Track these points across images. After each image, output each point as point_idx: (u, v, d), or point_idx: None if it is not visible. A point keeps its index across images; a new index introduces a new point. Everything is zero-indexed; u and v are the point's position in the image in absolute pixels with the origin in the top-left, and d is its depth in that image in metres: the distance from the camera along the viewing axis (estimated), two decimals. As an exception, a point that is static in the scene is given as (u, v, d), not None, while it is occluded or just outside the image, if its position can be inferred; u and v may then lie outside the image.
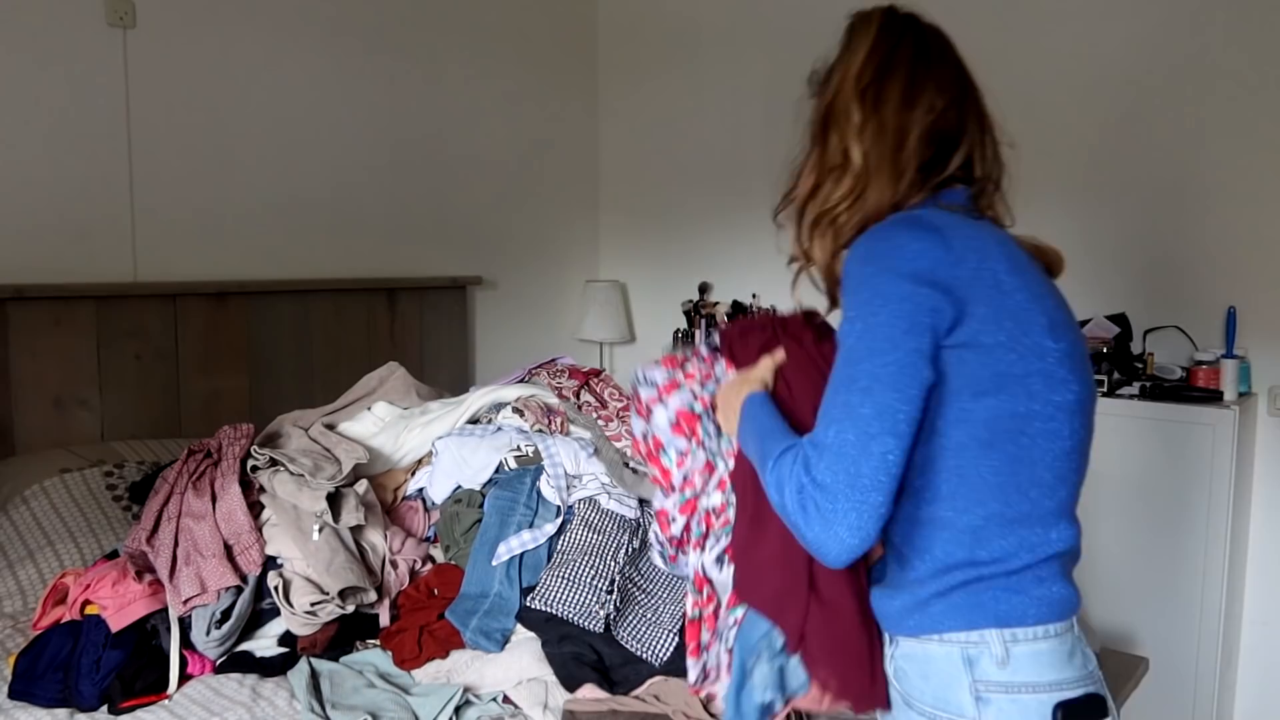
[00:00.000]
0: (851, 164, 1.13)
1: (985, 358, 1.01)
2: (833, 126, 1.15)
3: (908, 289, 1.00)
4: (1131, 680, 2.11)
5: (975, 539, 1.03)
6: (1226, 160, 2.81)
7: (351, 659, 1.78)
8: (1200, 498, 2.58)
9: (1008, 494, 1.03)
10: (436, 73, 3.49)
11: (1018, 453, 1.03)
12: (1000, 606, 1.03)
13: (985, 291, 1.02)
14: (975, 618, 1.03)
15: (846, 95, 1.14)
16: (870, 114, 1.13)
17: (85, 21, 2.60)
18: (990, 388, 1.01)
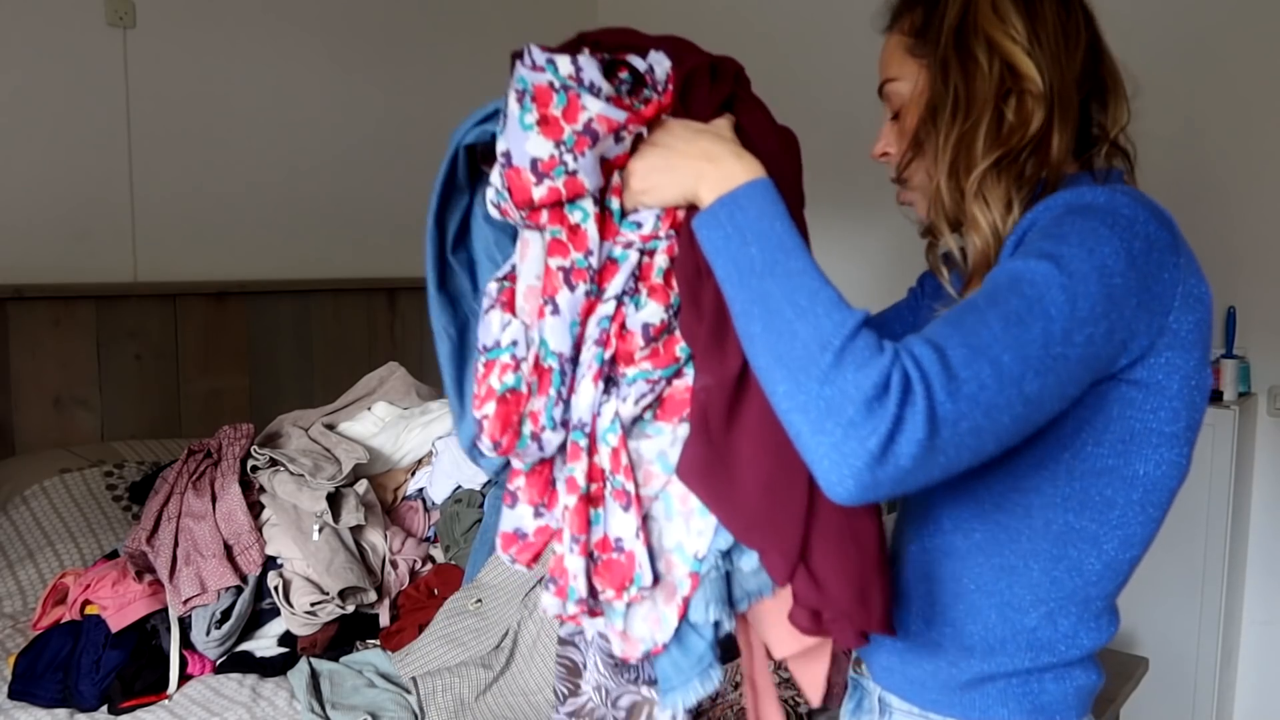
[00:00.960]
0: (1026, 80, 0.85)
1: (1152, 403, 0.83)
2: (976, 37, 0.87)
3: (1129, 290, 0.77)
4: (1131, 680, 2.10)
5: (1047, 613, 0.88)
6: (1226, 160, 2.81)
7: (351, 659, 1.78)
8: (1200, 498, 2.58)
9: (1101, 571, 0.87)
10: (437, 72, 3.49)
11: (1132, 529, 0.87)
12: (1044, 698, 0.89)
13: (1190, 326, 0.82)
14: (1015, 708, 0.90)
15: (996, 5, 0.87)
16: (1029, 21, 0.87)
17: (85, 21, 2.60)
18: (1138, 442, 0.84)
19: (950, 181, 0.87)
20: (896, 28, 0.96)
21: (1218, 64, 2.80)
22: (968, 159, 0.87)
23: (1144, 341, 0.79)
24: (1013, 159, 0.86)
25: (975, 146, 0.86)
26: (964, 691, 0.91)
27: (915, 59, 0.93)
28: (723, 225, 0.79)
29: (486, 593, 1.84)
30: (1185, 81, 2.85)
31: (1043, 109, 0.86)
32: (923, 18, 0.92)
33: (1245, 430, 2.63)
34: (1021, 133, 0.86)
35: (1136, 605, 2.67)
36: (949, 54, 0.88)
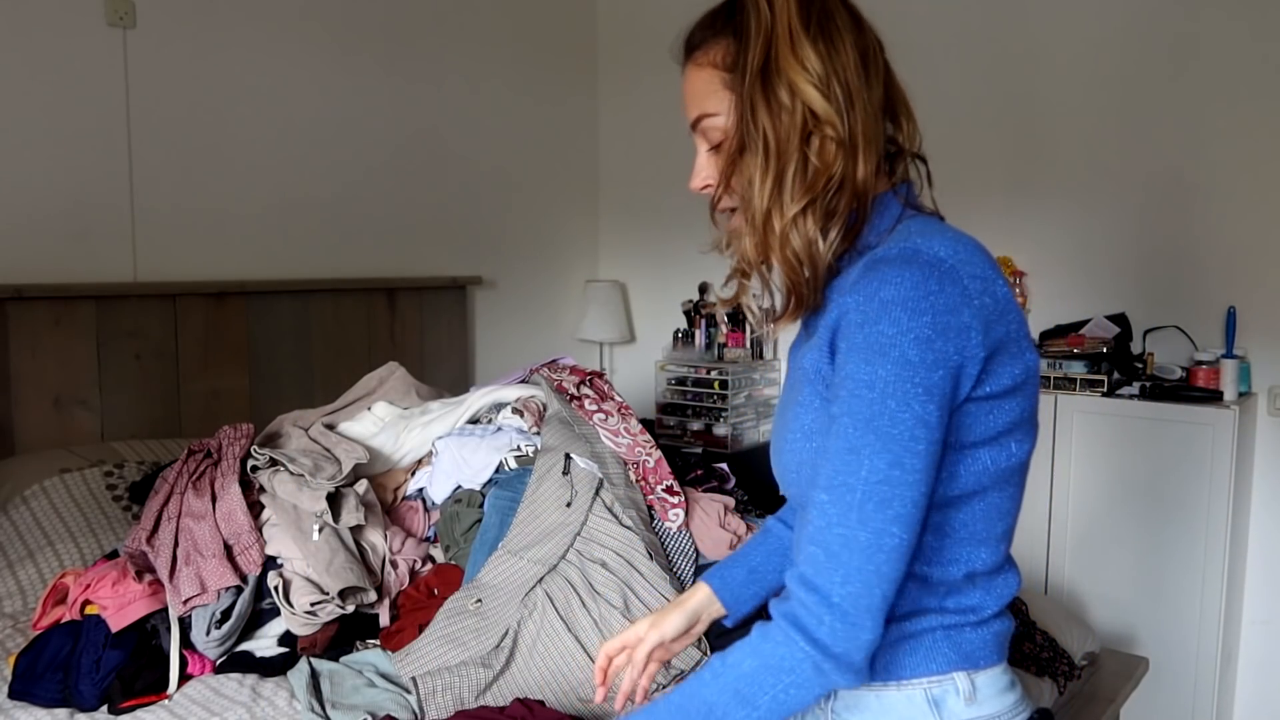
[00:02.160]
0: (826, 124, 0.90)
1: (994, 410, 0.90)
2: (779, 80, 0.90)
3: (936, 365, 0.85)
4: (1131, 680, 2.11)
5: (947, 590, 0.95)
6: (1227, 160, 2.81)
7: (351, 659, 1.78)
8: (1200, 498, 2.58)
9: (985, 546, 0.95)
10: (436, 72, 3.49)
11: (1001, 505, 0.94)
12: (967, 646, 0.96)
13: (1002, 337, 0.89)
14: (945, 661, 0.95)
15: (792, 38, 0.90)
16: (830, 60, 0.91)
17: (85, 21, 2.60)
18: (989, 439, 0.91)
19: (763, 224, 0.93)
20: (705, 59, 0.97)
21: (1218, 64, 2.80)
22: (778, 203, 0.92)
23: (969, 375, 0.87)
24: (821, 199, 0.91)
25: (785, 192, 0.91)
26: (887, 653, 0.96)
27: (731, 93, 0.95)
28: None
29: (486, 593, 1.84)
30: (1185, 82, 2.86)
31: (843, 150, 0.91)
32: (734, 52, 0.94)
33: (1245, 430, 2.63)
34: (826, 176, 0.91)
35: (1137, 605, 2.68)
36: (755, 95, 0.91)
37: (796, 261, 0.93)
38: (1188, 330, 2.88)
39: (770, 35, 0.91)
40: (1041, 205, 3.10)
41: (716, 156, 0.99)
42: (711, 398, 3.53)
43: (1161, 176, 2.93)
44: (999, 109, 3.16)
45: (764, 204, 0.92)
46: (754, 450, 3.52)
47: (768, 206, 0.92)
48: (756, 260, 0.95)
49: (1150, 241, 2.96)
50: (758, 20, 0.92)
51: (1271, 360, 2.79)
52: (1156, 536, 2.64)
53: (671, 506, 2.08)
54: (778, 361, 3.74)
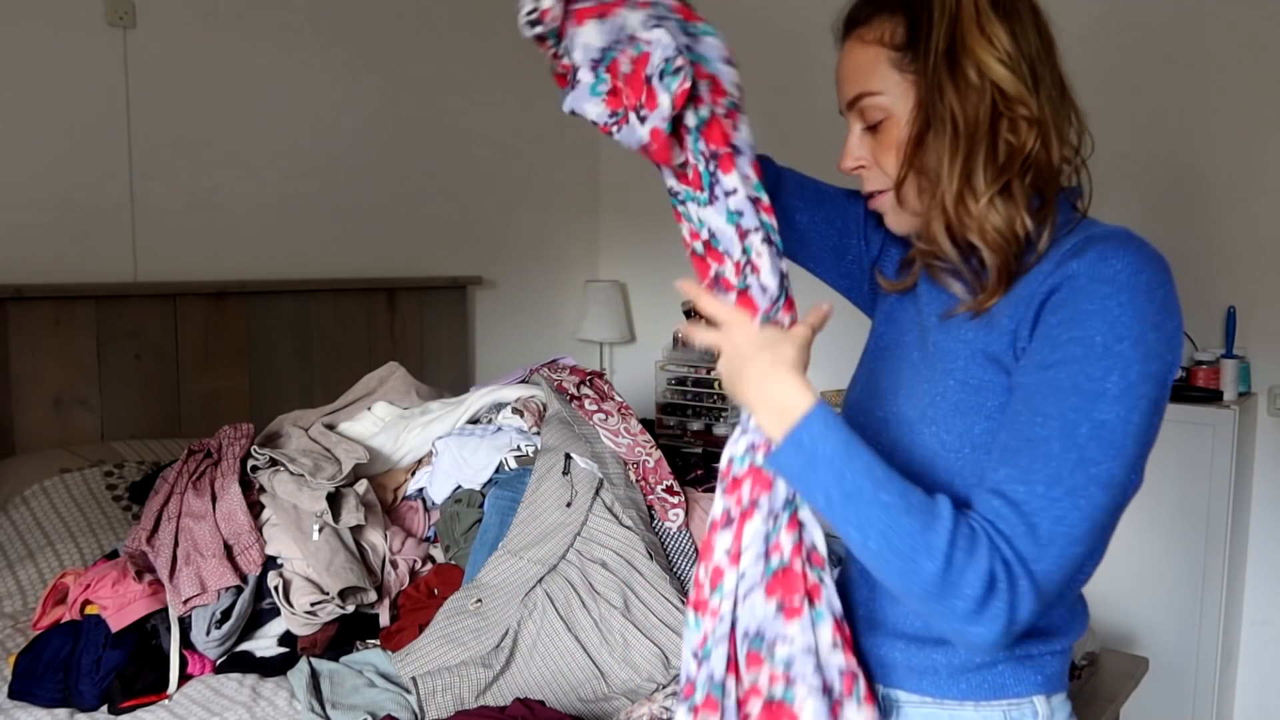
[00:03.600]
0: (1018, 104, 0.87)
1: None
2: (966, 60, 0.87)
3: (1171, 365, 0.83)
4: (1131, 680, 2.11)
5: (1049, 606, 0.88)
6: (1227, 160, 2.81)
7: (351, 659, 1.78)
8: (1200, 498, 2.58)
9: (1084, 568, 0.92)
10: (437, 72, 3.49)
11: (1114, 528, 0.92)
12: (1047, 670, 0.95)
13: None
14: (1030, 683, 0.94)
15: (979, 16, 0.88)
16: (1016, 40, 0.89)
17: (85, 21, 2.60)
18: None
19: (959, 207, 0.89)
20: (869, 37, 0.93)
21: (1217, 64, 2.80)
22: (972, 186, 0.88)
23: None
24: (1016, 177, 0.88)
25: (977, 174, 0.88)
26: (977, 673, 0.94)
27: (901, 74, 0.91)
28: (795, 465, 0.86)
29: (486, 593, 1.84)
30: (1185, 81, 2.86)
31: (1036, 130, 0.88)
32: (905, 31, 0.91)
33: (1245, 430, 2.63)
34: (1022, 157, 0.88)
35: (1137, 605, 2.68)
36: (942, 77, 0.88)
37: (1002, 240, 0.88)
38: (1188, 330, 2.88)
39: (956, 12, 0.88)
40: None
41: (871, 137, 0.95)
42: (711, 398, 3.53)
43: (1161, 176, 2.93)
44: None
45: (955, 186, 0.88)
46: (754, 450, 3.51)
47: (959, 189, 0.88)
48: (947, 244, 0.91)
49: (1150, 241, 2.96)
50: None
51: (1271, 360, 2.79)
52: (1156, 536, 2.64)
53: (671, 506, 2.08)
54: (778, 361, 3.73)
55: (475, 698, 1.66)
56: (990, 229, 0.88)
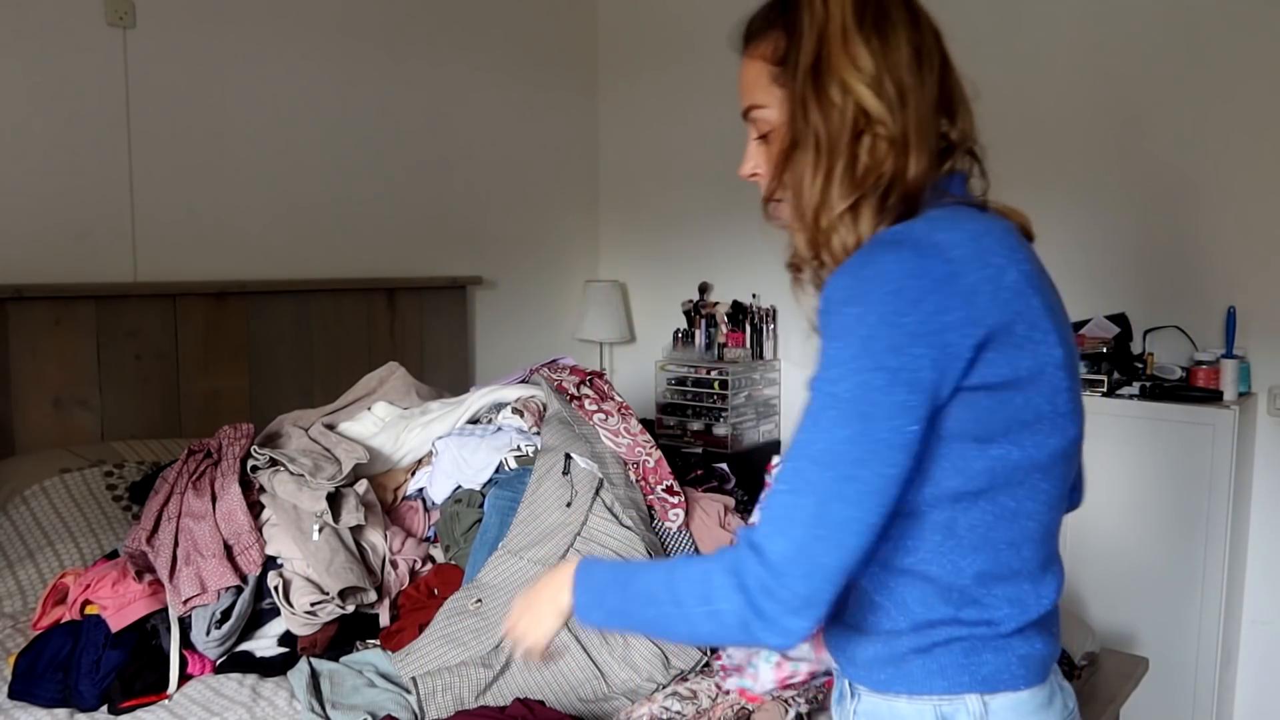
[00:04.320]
0: (878, 124, 0.90)
1: (997, 402, 0.88)
2: (830, 79, 0.90)
3: (906, 346, 0.83)
4: (1131, 680, 2.10)
5: (961, 598, 0.92)
6: (1227, 160, 2.81)
7: (351, 659, 1.78)
8: (1200, 498, 2.58)
9: (999, 550, 0.91)
10: (436, 72, 3.49)
11: (1015, 506, 0.91)
12: (984, 670, 0.93)
13: (999, 328, 0.86)
14: (957, 681, 0.93)
15: (844, 36, 0.90)
16: (882, 58, 0.91)
17: (85, 21, 2.60)
18: (997, 434, 0.88)
19: (812, 220, 0.92)
20: (756, 52, 0.98)
21: (1218, 64, 2.80)
22: (826, 199, 0.91)
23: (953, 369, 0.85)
24: (870, 196, 0.91)
25: (832, 189, 0.91)
26: (902, 665, 0.94)
27: (780, 89, 0.95)
28: (587, 605, 1.01)
29: (486, 593, 1.84)
30: (1185, 82, 2.86)
31: (894, 150, 0.90)
32: (783, 47, 0.94)
33: (1245, 430, 2.63)
34: (876, 174, 0.90)
35: (1137, 605, 2.68)
36: (806, 92, 0.91)
37: (843, 256, 0.91)
38: (1188, 330, 2.88)
39: (823, 31, 0.91)
40: (1041, 205, 3.09)
41: (765, 146, 1.00)
42: (711, 398, 3.53)
43: (1161, 176, 2.92)
44: (998, 108, 3.15)
45: (814, 200, 0.92)
46: (754, 450, 3.52)
47: (818, 203, 0.92)
48: (808, 256, 0.94)
49: (1150, 241, 2.96)
50: (811, 16, 0.91)
51: (1271, 360, 2.79)
52: (1156, 536, 2.64)
53: (671, 506, 2.08)
54: (777, 361, 3.74)
55: (475, 698, 1.66)
56: (836, 244, 0.91)
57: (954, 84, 0.97)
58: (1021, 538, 0.93)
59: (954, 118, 0.96)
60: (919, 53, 0.93)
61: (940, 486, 0.89)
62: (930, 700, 0.94)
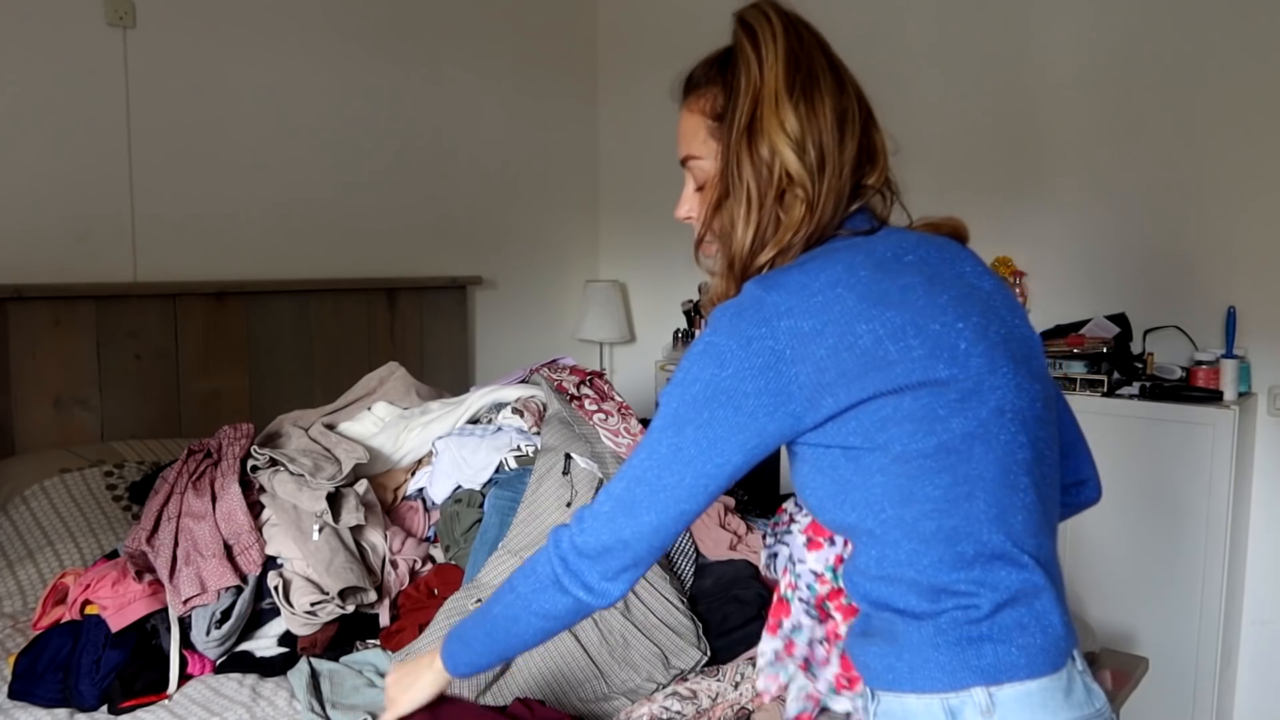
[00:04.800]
0: (798, 184, 0.99)
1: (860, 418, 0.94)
2: (761, 139, 0.99)
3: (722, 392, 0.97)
4: (1131, 680, 2.11)
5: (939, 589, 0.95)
6: (1226, 159, 2.81)
7: (351, 659, 1.78)
8: (1200, 498, 2.58)
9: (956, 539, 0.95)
10: (437, 72, 3.49)
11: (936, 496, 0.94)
12: (984, 661, 0.94)
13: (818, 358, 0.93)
14: (960, 676, 0.94)
15: (776, 100, 0.98)
16: (808, 123, 0.99)
17: (85, 21, 2.60)
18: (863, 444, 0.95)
19: (740, 267, 1.02)
20: (695, 106, 1.05)
21: (1218, 64, 2.80)
22: (755, 249, 1.01)
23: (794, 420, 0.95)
24: (785, 251, 1.00)
25: (759, 240, 1.00)
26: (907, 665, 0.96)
27: (715, 141, 1.03)
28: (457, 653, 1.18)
29: (486, 593, 1.84)
30: (1185, 82, 2.86)
31: (806, 206, 0.99)
32: (721, 103, 1.02)
33: (1245, 430, 2.63)
34: (792, 231, 0.99)
35: (1136, 605, 2.68)
36: (740, 149, 0.99)
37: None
38: (1188, 330, 2.88)
39: (758, 93, 0.98)
40: (1041, 205, 3.10)
41: (700, 194, 1.08)
42: (711, 398, 3.52)
43: (1161, 176, 2.92)
44: (999, 108, 3.16)
45: (743, 249, 1.01)
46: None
47: (746, 251, 1.01)
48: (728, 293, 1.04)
49: (1150, 241, 2.96)
50: (747, 77, 0.99)
51: (1271, 360, 2.79)
52: (1156, 536, 2.64)
53: (671, 506, 2.07)
54: (778, 361, 3.73)
55: (475, 698, 1.66)
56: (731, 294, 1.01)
57: (876, 139, 1.04)
58: (969, 523, 0.95)
59: (874, 166, 1.04)
60: (841, 118, 1.00)
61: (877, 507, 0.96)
62: (937, 696, 0.95)
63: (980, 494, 0.95)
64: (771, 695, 1.23)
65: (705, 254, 1.11)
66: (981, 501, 0.95)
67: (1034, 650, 0.95)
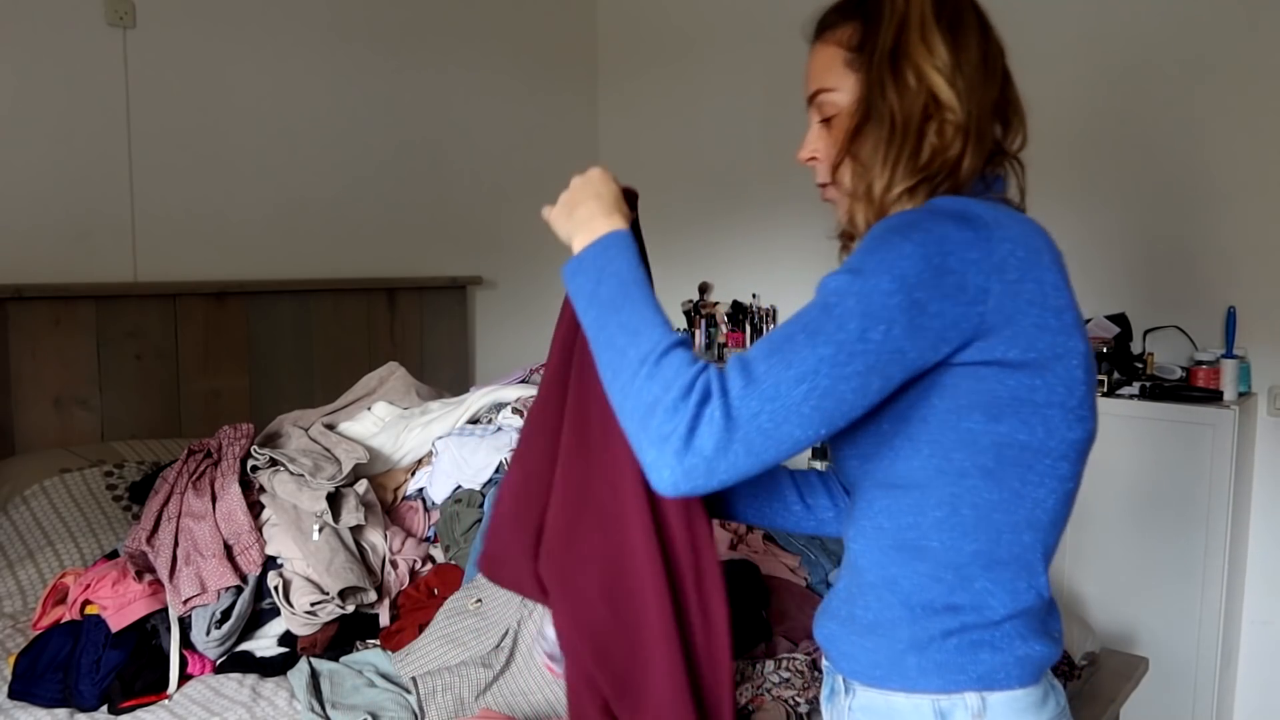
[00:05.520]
0: (947, 110, 0.95)
1: (1006, 379, 0.90)
2: (907, 63, 0.95)
3: (928, 288, 0.86)
4: (1131, 680, 2.11)
5: (957, 577, 0.93)
6: (1227, 159, 2.81)
7: (351, 659, 1.78)
8: (1200, 498, 2.58)
9: (1000, 533, 0.93)
10: (436, 73, 3.49)
11: (1021, 490, 0.92)
12: (980, 668, 0.94)
13: (1025, 306, 0.89)
14: (954, 679, 0.94)
15: (923, 26, 0.96)
16: (955, 54, 0.96)
17: (85, 21, 2.60)
18: (1005, 412, 0.90)
19: (879, 195, 0.96)
20: (831, 39, 1.03)
21: (1218, 64, 2.80)
22: (890, 176, 0.96)
23: (966, 329, 0.88)
24: (929, 179, 0.96)
25: (899, 167, 0.96)
26: (900, 661, 0.95)
27: (853, 73, 1.00)
28: (584, 269, 0.98)
29: (486, 593, 1.84)
30: (1185, 82, 2.85)
31: (960, 137, 0.96)
32: (860, 34, 0.99)
33: (1245, 430, 2.63)
34: (942, 158, 0.96)
35: (1136, 605, 2.68)
36: (884, 75, 0.96)
37: None
38: (1188, 330, 2.88)
39: (903, 21, 0.96)
40: (1041, 205, 3.09)
41: (825, 131, 1.04)
42: (711, 398, 3.52)
43: (1161, 176, 2.92)
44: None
45: (882, 177, 0.96)
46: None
47: (886, 180, 0.96)
48: (857, 225, 0.98)
49: (1150, 241, 2.96)
50: (892, 6, 0.97)
51: (1271, 360, 2.79)
52: (1156, 536, 2.64)
53: (671, 506, 2.08)
54: (778, 361, 3.73)
55: (475, 698, 1.66)
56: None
57: (1013, 95, 1.02)
58: (1024, 523, 0.94)
59: (1007, 126, 1.02)
60: (986, 57, 0.99)
61: (948, 460, 0.92)
62: (928, 697, 0.95)
63: (1048, 506, 0.94)
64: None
65: (825, 197, 1.07)
66: (1043, 510, 0.94)
67: (1028, 662, 0.95)
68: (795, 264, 3.53)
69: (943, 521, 0.93)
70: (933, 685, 0.94)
